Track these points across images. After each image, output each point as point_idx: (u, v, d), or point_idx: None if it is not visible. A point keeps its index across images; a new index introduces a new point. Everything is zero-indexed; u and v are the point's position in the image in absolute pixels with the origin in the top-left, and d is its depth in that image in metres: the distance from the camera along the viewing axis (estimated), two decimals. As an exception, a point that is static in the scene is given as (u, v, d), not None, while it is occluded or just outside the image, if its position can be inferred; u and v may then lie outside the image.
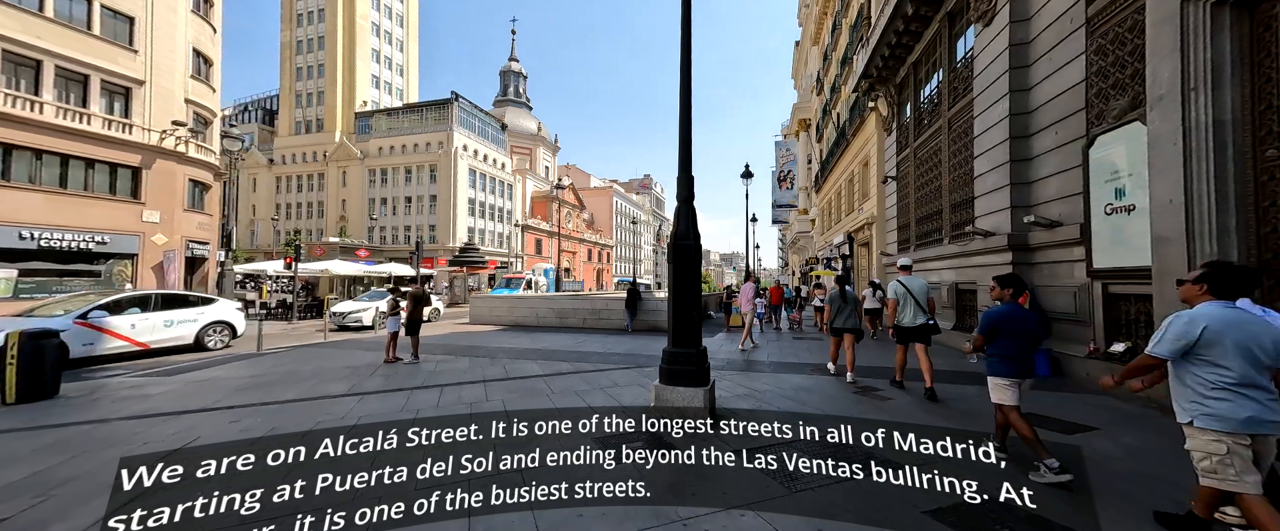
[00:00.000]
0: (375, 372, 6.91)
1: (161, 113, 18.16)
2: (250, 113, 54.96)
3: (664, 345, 4.26)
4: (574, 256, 59.08)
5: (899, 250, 12.85)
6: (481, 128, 46.36)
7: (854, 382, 5.67)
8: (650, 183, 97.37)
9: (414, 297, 7.50)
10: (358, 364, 7.57)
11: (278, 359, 8.28)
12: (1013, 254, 6.96)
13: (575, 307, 13.58)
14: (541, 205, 54.51)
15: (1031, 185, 6.88)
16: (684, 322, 4.26)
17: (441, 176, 40.77)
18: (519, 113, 59.78)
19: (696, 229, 4.39)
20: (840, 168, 20.33)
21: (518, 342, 9.94)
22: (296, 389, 5.92)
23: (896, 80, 12.86)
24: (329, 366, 7.46)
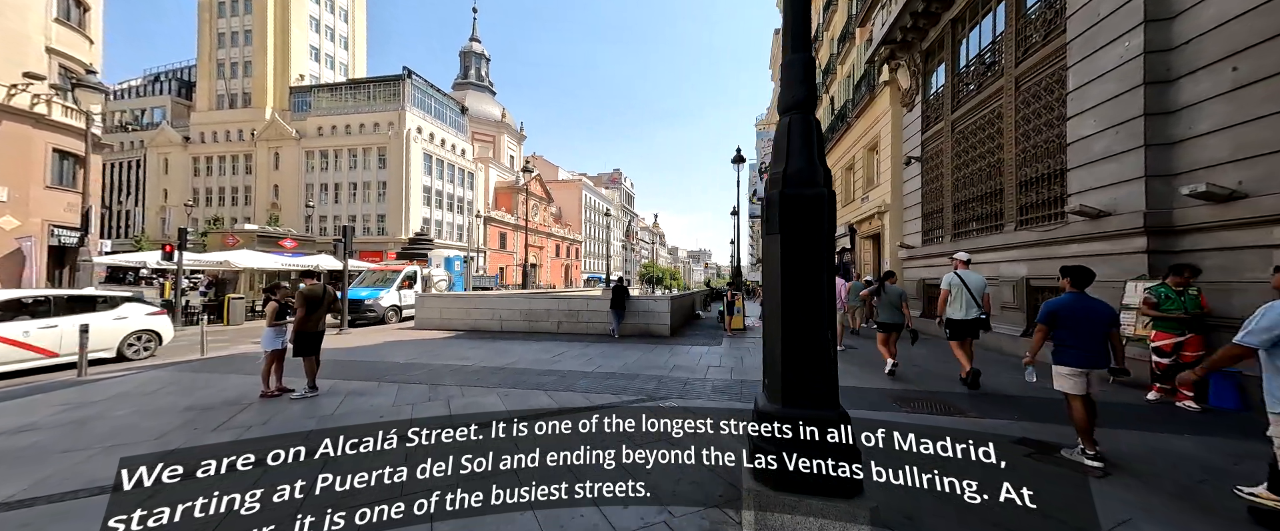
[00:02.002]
0: (233, 418, 4.33)
1: (9, 62, 14.17)
2: (163, 84, 47.81)
3: (666, 358, 3.03)
4: (541, 251, 55.92)
5: (924, 241, 11.23)
6: (438, 110, 42.43)
7: (891, 372, 5.73)
8: (620, 177, 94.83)
9: (305, 299, 4.89)
10: (214, 401, 4.91)
11: (103, 388, 5.46)
12: (1149, 238, 5.22)
13: (547, 309, 11.14)
14: (506, 196, 50.99)
15: (1178, 146, 5.14)
16: (804, 354, 2.10)
17: (392, 161, 36.67)
18: (481, 97, 55.63)
19: (825, 163, 2.21)
20: (836, 155, 18.80)
21: (473, 356, 7.46)
22: (43, 470, 3.30)
23: (923, 46, 11.20)
24: (166, 403, 4.78)
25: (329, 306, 5.17)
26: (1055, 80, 6.81)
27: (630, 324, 10.46)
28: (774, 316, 2.11)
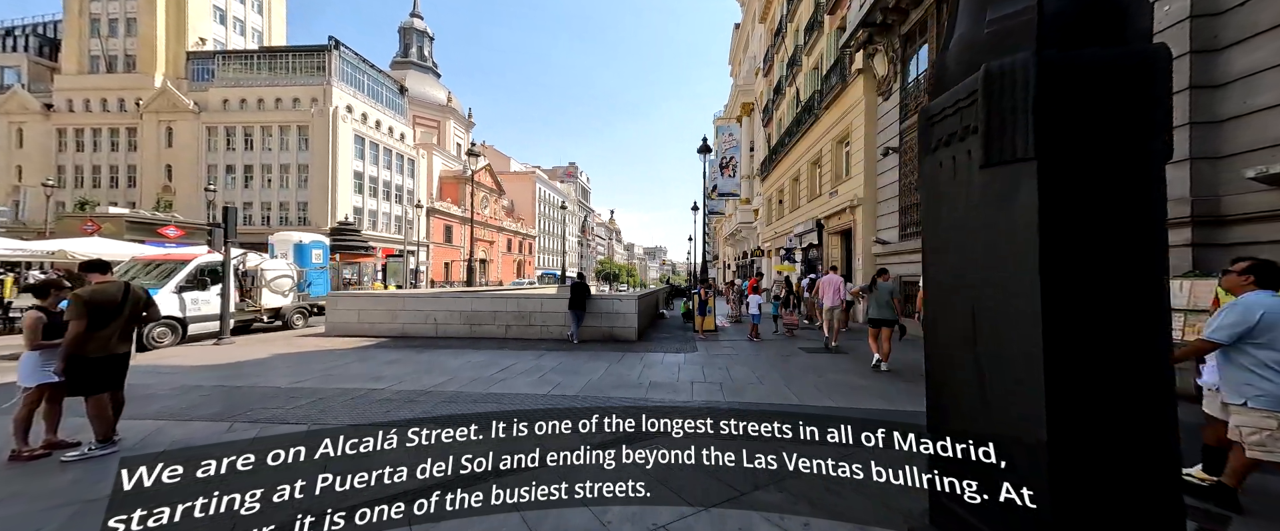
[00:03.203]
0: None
1: None
2: (17, 39, 39.51)
3: (637, 371, 3.27)
4: (491, 246, 52.77)
5: (903, 235, 10.71)
6: (373, 88, 38.41)
7: (876, 366, 5.94)
8: (576, 171, 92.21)
9: (88, 306, 3.07)
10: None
11: None
12: (1194, 228, 4.59)
13: (493, 311, 9.46)
14: (453, 187, 47.38)
15: (1227, 125, 4.53)
16: (1123, 433, 0.85)
17: (315, 141, 32.50)
18: (424, 78, 51.26)
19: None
20: (801, 148, 18.34)
21: (390, 376, 5.77)
22: None
23: (903, 30, 10.64)
24: None
25: (135, 316, 3.37)
26: (1068, 56, 6.20)
27: (591, 327, 9.08)
28: (1032, 331, 0.88)
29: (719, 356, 7.39)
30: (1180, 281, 4.56)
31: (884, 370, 5.86)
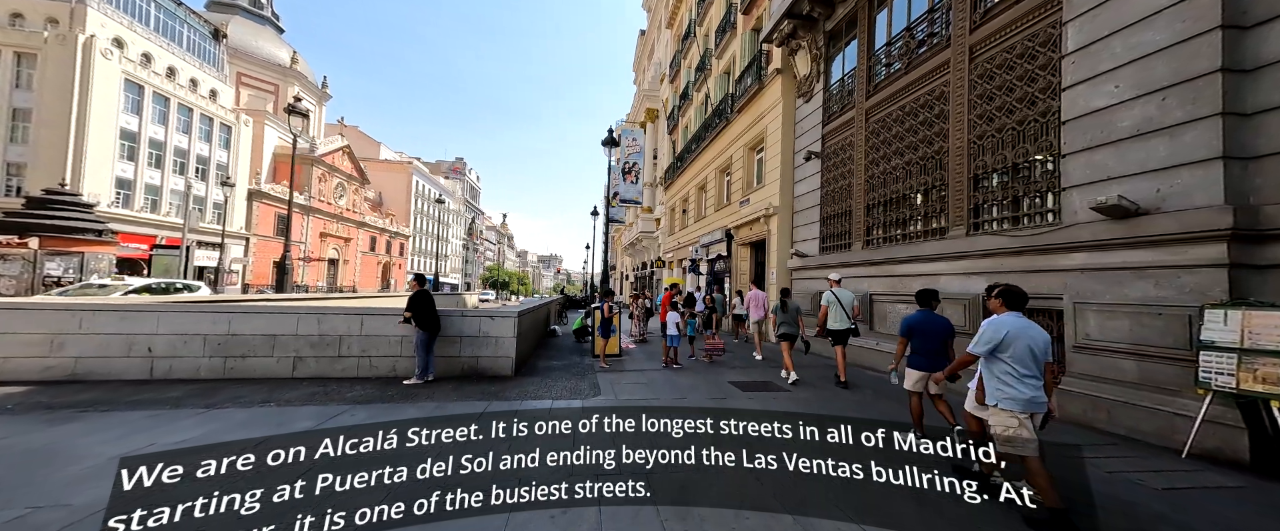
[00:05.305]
0: None
1: None
2: None
3: (486, 451, 2.24)
4: (348, 244, 43.96)
5: (824, 249, 9.74)
6: (169, 26, 29.04)
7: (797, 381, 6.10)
8: (464, 167, 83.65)
9: None
10: None
11: None
12: (1232, 244, 3.64)
13: (270, 333, 5.89)
14: (297, 168, 38.21)
15: (1257, 119, 3.67)
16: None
17: (49, 77, 22.72)
18: (258, 30, 40.76)
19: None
20: (710, 155, 17.35)
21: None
22: None
23: (827, 26, 9.83)
24: None
25: None
26: (1040, 42, 5.34)
27: (450, 359, 6.15)
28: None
29: (632, 403, 5.12)
30: (1223, 311, 3.55)
31: (792, 381, 6.09)
